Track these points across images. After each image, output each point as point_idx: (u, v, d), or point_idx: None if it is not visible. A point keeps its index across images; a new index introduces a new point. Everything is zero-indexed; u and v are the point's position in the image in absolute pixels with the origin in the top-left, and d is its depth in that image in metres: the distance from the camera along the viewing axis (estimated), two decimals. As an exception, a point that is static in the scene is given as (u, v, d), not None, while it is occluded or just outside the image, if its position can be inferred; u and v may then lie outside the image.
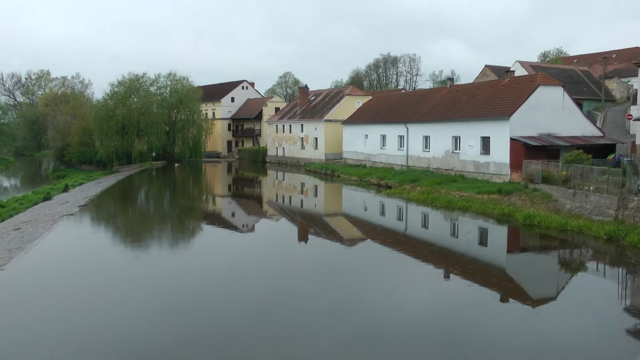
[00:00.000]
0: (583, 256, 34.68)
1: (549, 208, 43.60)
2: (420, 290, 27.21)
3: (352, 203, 59.54)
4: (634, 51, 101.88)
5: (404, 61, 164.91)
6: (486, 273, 30.63)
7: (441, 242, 38.46)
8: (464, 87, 74.39)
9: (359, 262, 33.16)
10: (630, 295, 27.49)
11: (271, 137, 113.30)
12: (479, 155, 59.08)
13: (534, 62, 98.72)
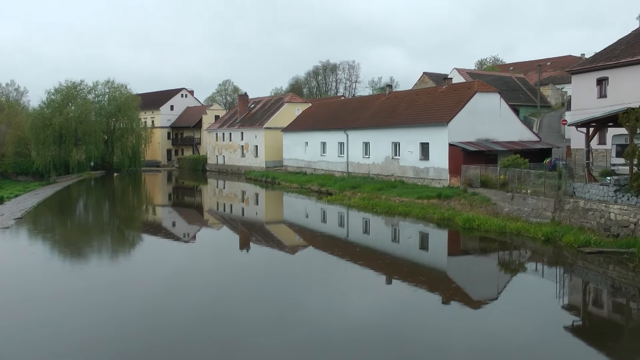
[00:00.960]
0: (522, 257, 35.33)
1: (487, 211, 44.28)
2: (363, 295, 27.19)
3: (294, 210, 59.47)
4: (567, 59, 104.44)
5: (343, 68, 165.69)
6: (428, 276, 30.92)
7: (383, 247, 38.68)
8: (402, 93, 75.19)
9: (302, 269, 33.08)
10: (568, 293, 28.13)
11: (211, 146, 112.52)
12: (418, 161, 59.68)
13: (471, 70, 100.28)
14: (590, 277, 30.25)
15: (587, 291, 28.69)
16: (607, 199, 36.09)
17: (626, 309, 25.92)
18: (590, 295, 28.18)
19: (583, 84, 56.77)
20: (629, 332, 22.82)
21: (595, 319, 24.59)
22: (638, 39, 54.19)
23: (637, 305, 26.42)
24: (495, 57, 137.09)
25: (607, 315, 24.96)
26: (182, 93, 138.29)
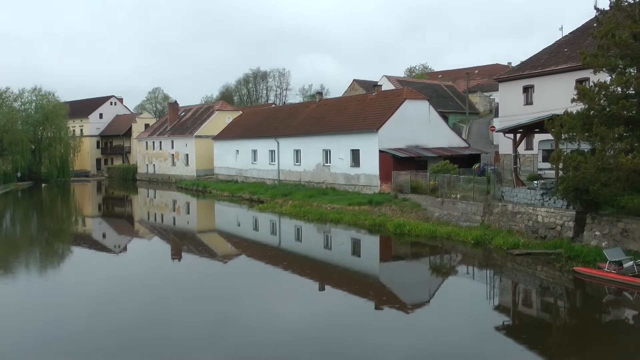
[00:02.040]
0: (453, 260, 35.66)
1: (418, 216, 44.57)
2: (297, 304, 26.80)
3: (225, 219, 58.78)
4: (494, 67, 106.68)
5: (273, 76, 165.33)
6: (360, 282, 30.82)
7: (315, 254, 38.50)
8: (333, 101, 75.39)
9: (234, 279, 32.44)
10: (498, 294, 28.46)
11: (141, 154, 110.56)
12: (349, 167, 59.77)
13: (400, 77, 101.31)
14: (519, 278, 30.73)
15: (517, 292, 29.17)
16: (534, 202, 36.77)
17: (554, 307, 26.46)
18: (520, 296, 28.66)
19: (510, 91, 57.84)
20: (557, 329, 23.25)
21: (525, 318, 24.93)
22: (561, 48, 55.52)
23: (564, 303, 26.99)
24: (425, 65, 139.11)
25: (536, 314, 25.40)
26: (112, 101, 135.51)
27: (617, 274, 27.45)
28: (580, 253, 31.01)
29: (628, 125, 29.81)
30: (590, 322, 24.10)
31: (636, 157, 27.28)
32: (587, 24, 52.78)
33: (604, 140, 28.78)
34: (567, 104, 32.76)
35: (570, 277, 29.05)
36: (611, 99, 29.86)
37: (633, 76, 29.60)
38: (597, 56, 31.09)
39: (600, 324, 23.93)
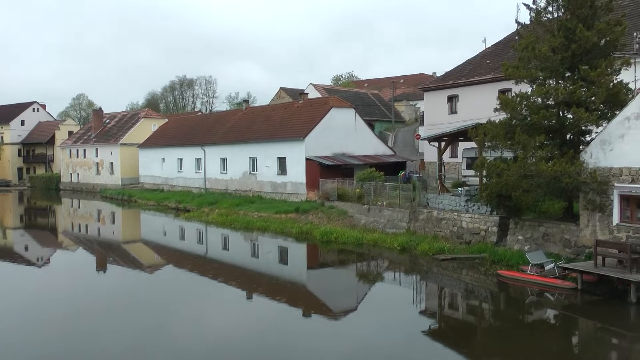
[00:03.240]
0: (380, 267, 36.02)
1: (345, 224, 44.88)
2: (225, 313, 26.58)
3: (151, 229, 57.84)
4: (420, 77, 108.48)
5: (200, 83, 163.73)
6: (288, 290, 30.88)
7: (242, 263, 38.28)
8: (259, 109, 75.22)
9: (161, 289, 31.80)
10: (424, 299, 29.01)
11: (65, 163, 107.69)
12: (276, 175, 59.73)
13: (327, 85, 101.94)
14: (445, 283, 31.33)
15: (443, 296, 29.69)
16: (459, 208, 37.51)
17: (479, 310, 27.06)
18: (446, 300, 29.19)
19: (435, 100, 58.97)
20: (482, 331, 23.74)
21: (451, 321, 25.38)
22: (485, 60, 56.96)
23: (489, 306, 27.67)
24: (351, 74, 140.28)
25: (462, 317, 25.88)
26: (34, 107, 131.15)
27: (539, 276, 28.38)
28: (504, 257, 31.82)
29: (548, 134, 30.80)
30: (514, 323, 24.73)
31: (556, 165, 28.21)
32: (509, 37, 54.23)
33: (526, 148, 29.65)
34: (490, 113, 33.57)
35: (495, 281, 29.78)
36: (532, 109, 30.82)
37: (552, 87, 30.65)
38: (519, 68, 32.06)
39: (524, 325, 24.56)
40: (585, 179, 28.38)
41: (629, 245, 25.69)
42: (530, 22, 32.96)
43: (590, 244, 28.44)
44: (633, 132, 27.01)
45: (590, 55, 30.40)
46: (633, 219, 27.64)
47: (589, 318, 25.08)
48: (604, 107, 30.37)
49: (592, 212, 29.10)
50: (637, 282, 24.50)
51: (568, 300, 26.67)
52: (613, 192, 28.04)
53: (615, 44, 30.97)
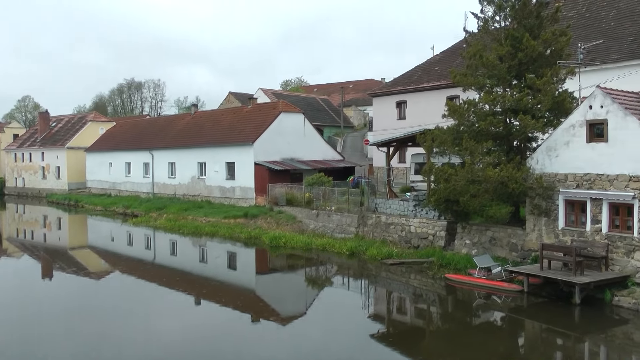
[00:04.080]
0: (328, 272, 36.06)
1: (294, 229, 44.88)
2: (173, 319, 26.29)
3: (98, 234, 56.68)
4: (369, 82, 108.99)
5: (148, 86, 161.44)
6: (237, 296, 30.73)
7: (191, 268, 37.94)
8: (208, 113, 74.84)
9: (108, 296, 31.14)
10: (373, 304, 29.10)
11: (10, 167, 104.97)
12: (224, 180, 59.43)
13: (276, 90, 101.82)
14: (393, 287, 31.54)
15: (391, 300, 29.95)
16: (407, 213, 37.84)
17: (427, 313, 27.33)
18: (394, 304, 29.45)
19: (384, 106, 59.46)
20: (430, 334, 23.98)
21: (400, 325, 25.65)
22: (433, 67, 57.68)
23: (437, 309, 27.97)
24: (300, 79, 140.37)
25: (410, 321, 26.19)
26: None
27: (486, 280, 28.87)
28: (452, 261, 32.22)
29: (495, 140, 31.34)
30: (461, 325, 25.04)
31: (503, 170, 28.68)
32: (457, 45, 55.00)
33: (473, 154, 30.08)
34: (439, 119, 34.00)
35: (443, 284, 30.12)
36: (480, 116, 31.30)
37: (500, 95, 31.16)
38: (466, 75, 32.52)
39: (471, 327, 24.94)
40: (531, 185, 28.92)
41: (573, 249, 26.28)
42: (478, 30, 33.45)
43: (536, 247, 28.99)
44: (577, 139, 27.64)
45: (537, 64, 31.04)
46: (577, 223, 28.27)
47: (535, 319, 25.53)
48: (549, 115, 31.00)
49: (538, 217, 29.68)
50: (581, 284, 25.08)
51: (514, 303, 27.18)
52: (558, 197, 28.66)
53: (561, 53, 31.72)
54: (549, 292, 26.94)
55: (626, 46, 41.76)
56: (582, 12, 48.61)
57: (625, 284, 25.66)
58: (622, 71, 38.26)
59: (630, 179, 25.89)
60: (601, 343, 22.66)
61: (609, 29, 44.53)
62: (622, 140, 25.96)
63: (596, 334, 23.48)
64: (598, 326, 24.02)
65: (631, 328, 23.45)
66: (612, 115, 26.21)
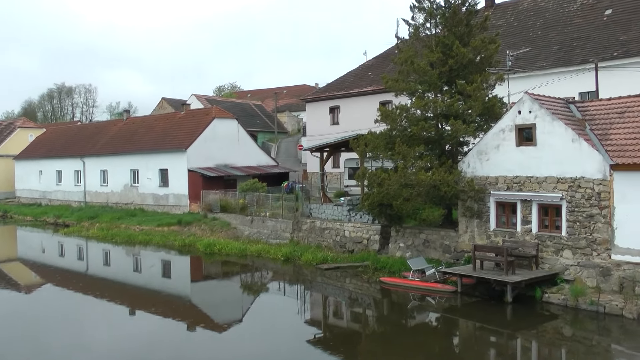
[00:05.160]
0: (264, 278, 36.04)
1: (228, 235, 44.70)
2: (106, 331, 25.65)
3: (29, 246, 55.02)
4: (302, 88, 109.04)
5: (79, 92, 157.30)
6: (172, 304, 30.35)
7: (124, 278, 37.24)
8: (141, 119, 73.78)
9: (40, 310, 29.97)
10: (309, 309, 29.25)
11: None
12: (158, 187, 58.76)
13: (209, 96, 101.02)
14: (329, 292, 31.71)
15: (327, 305, 30.07)
16: (341, 218, 38.11)
17: (363, 317, 27.57)
18: (330, 308, 29.57)
19: (317, 111, 59.82)
20: (366, 337, 24.24)
21: (336, 329, 25.77)
22: (366, 72, 58.29)
23: (372, 312, 28.21)
24: (234, 84, 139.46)
25: (346, 324, 26.30)
26: None
27: (420, 281, 29.30)
28: (386, 264, 32.55)
29: (427, 144, 31.88)
30: (397, 327, 25.33)
31: (435, 174, 29.22)
32: (389, 51, 55.70)
33: (406, 159, 30.50)
34: (372, 124, 34.31)
35: (378, 288, 30.42)
36: (411, 121, 31.80)
37: (431, 100, 31.72)
38: (398, 81, 33.00)
39: (406, 329, 25.23)
40: (463, 188, 29.51)
41: (505, 249, 26.96)
42: (410, 37, 34.03)
43: (468, 248, 29.59)
44: (507, 143, 28.37)
45: (467, 70, 31.75)
46: (508, 224, 29.03)
47: (469, 319, 26.07)
48: (480, 120, 31.74)
49: (470, 219, 30.29)
50: (512, 283, 25.76)
51: (448, 303, 27.71)
52: (490, 199, 29.36)
53: (490, 60, 32.57)
54: (481, 291, 27.56)
55: (552, 54, 43.15)
56: (510, 21, 50.03)
57: (555, 281, 26.57)
58: (549, 78, 39.56)
59: (558, 181, 26.77)
60: (532, 339, 23.28)
61: (537, 38, 45.95)
62: (550, 144, 26.83)
63: (528, 330, 24.14)
64: (529, 323, 24.71)
65: (561, 323, 24.25)
66: (540, 120, 27.04)
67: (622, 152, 25.32)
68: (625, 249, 24.87)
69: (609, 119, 27.43)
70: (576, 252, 26.35)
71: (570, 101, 29.94)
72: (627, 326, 22.85)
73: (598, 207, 25.67)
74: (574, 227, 26.42)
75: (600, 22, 43.41)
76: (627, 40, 40.09)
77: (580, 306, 24.66)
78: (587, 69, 38.51)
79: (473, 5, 33.07)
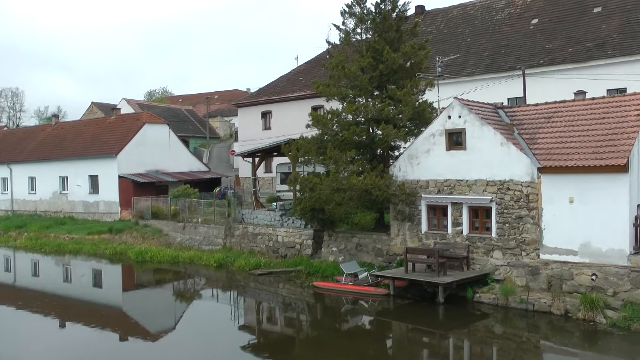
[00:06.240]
0: (197, 285, 35.77)
1: (160, 242, 44.20)
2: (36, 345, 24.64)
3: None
4: (234, 93, 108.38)
5: (5, 95, 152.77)
6: (103, 314, 29.83)
7: (54, 289, 36.32)
8: (70, 124, 71.74)
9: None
10: (242, 315, 29.18)
11: None
12: (88, 194, 57.49)
13: (140, 100, 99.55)
14: (262, 297, 31.65)
15: (261, 310, 30.01)
16: (274, 223, 38.08)
17: (297, 322, 27.63)
18: (264, 314, 29.53)
19: (249, 116, 59.62)
20: (300, 342, 24.23)
21: (270, 334, 25.78)
22: (297, 77, 58.39)
23: (306, 317, 28.34)
24: (165, 89, 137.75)
25: (280, 330, 26.33)
26: None
27: (353, 285, 29.50)
28: (319, 269, 32.76)
29: (359, 149, 32.10)
30: (330, 331, 25.41)
31: (366, 178, 29.43)
32: (320, 55, 55.85)
33: (338, 163, 30.64)
34: (304, 129, 34.39)
35: (311, 292, 30.53)
36: (343, 125, 31.98)
37: (362, 105, 32.01)
38: (329, 86, 33.17)
39: (340, 332, 25.34)
40: (394, 191, 29.81)
41: (436, 251, 27.41)
42: (340, 42, 34.24)
43: (400, 251, 29.94)
44: (438, 147, 28.82)
45: (397, 75, 32.15)
46: (439, 227, 29.49)
47: (402, 321, 26.44)
48: (410, 124, 32.18)
49: (402, 222, 30.63)
50: (444, 284, 26.21)
51: (381, 306, 27.93)
52: (421, 202, 29.77)
53: (420, 66, 33.07)
54: (414, 293, 27.89)
55: (481, 61, 44.08)
56: (440, 28, 50.91)
57: (485, 281, 27.17)
58: (478, 84, 40.37)
59: (487, 184, 27.35)
60: (464, 338, 23.79)
61: (466, 45, 46.88)
62: (480, 148, 27.39)
63: (459, 329, 24.63)
64: (461, 322, 25.21)
65: (491, 321, 24.80)
66: (469, 125, 27.58)
67: (549, 155, 26.05)
68: (553, 248, 25.60)
69: (536, 123, 28.20)
70: (506, 253, 26.97)
71: (498, 106, 30.69)
72: (555, 322, 23.55)
73: (527, 209, 26.34)
74: (504, 228, 27.03)
75: (527, 30, 44.57)
76: (552, 48, 41.27)
77: (510, 305, 25.33)
78: (515, 75, 39.47)
79: (403, 12, 33.54)
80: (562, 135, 26.69)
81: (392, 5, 33.00)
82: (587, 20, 41.91)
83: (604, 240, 24.33)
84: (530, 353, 21.87)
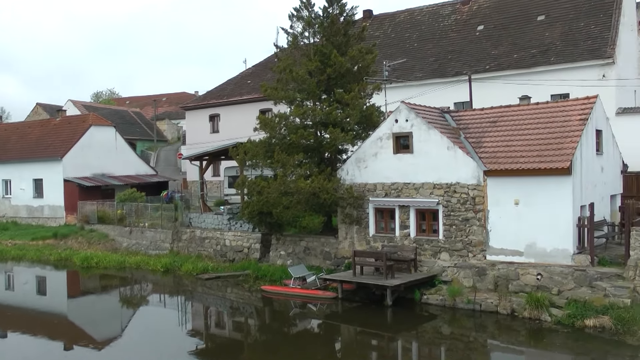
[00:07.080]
0: (144, 290, 35.30)
1: (106, 247, 43.55)
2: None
3: None
4: (182, 95, 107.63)
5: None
6: (47, 323, 29.11)
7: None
8: (14, 125, 69.93)
9: None
10: (190, 320, 28.93)
11: None
12: (32, 199, 56.33)
13: (87, 102, 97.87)
14: (210, 302, 31.41)
15: (209, 315, 29.76)
16: (222, 227, 37.90)
17: (245, 326, 27.49)
18: (212, 318, 29.28)
19: (197, 119, 59.30)
20: (249, 347, 24.15)
21: (218, 339, 25.61)
22: (245, 80, 58.31)
23: (254, 321, 28.14)
24: (112, 91, 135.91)
25: (228, 334, 26.23)
26: None
27: (301, 289, 29.55)
28: (267, 272, 32.63)
29: (306, 152, 32.19)
30: (279, 335, 25.37)
31: (314, 182, 29.51)
32: (268, 59, 55.85)
33: (285, 167, 30.67)
34: (252, 132, 34.29)
35: (259, 296, 30.42)
36: (291, 129, 32.02)
37: (310, 108, 32.07)
38: (277, 89, 33.16)
39: (288, 336, 25.33)
40: (342, 195, 29.94)
41: (384, 254, 27.64)
42: (288, 45, 34.27)
43: (349, 255, 30.05)
44: (385, 150, 29.05)
45: (345, 79, 32.34)
46: (387, 230, 29.76)
47: (350, 324, 26.51)
48: (358, 128, 32.38)
49: (350, 225, 30.77)
50: (392, 287, 26.44)
51: (330, 309, 28.01)
52: (368, 205, 29.97)
53: (367, 70, 33.32)
54: (362, 296, 28.07)
55: (428, 65, 44.66)
56: (387, 32, 51.37)
57: (433, 282, 27.53)
58: (425, 88, 40.91)
59: (434, 187, 27.68)
60: (413, 339, 24.08)
61: (413, 50, 47.44)
62: (427, 152, 27.72)
63: (408, 331, 24.89)
64: (409, 324, 25.49)
65: (439, 322, 25.13)
66: (416, 129, 27.87)
67: (494, 158, 26.51)
68: (499, 250, 26.06)
69: (482, 127, 28.69)
70: (453, 254, 27.34)
71: (445, 111, 31.13)
72: (502, 321, 24.05)
73: (473, 211, 26.74)
74: (451, 231, 27.40)
75: (473, 36, 45.32)
76: (497, 54, 42.04)
77: (457, 305, 25.74)
78: (461, 80, 40.07)
79: (351, 16, 33.75)
80: (508, 139, 27.22)
81: (339, 10, 33.18)
82: (532, 28, 42.86)
83: (549, 241, 24.95)
84: (477, 352, 22.26)
